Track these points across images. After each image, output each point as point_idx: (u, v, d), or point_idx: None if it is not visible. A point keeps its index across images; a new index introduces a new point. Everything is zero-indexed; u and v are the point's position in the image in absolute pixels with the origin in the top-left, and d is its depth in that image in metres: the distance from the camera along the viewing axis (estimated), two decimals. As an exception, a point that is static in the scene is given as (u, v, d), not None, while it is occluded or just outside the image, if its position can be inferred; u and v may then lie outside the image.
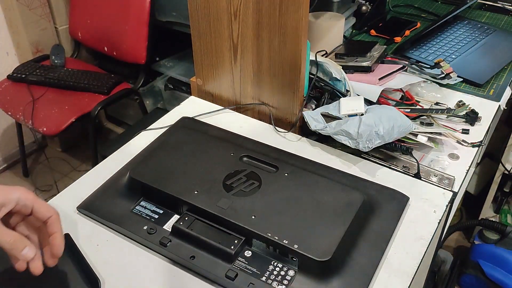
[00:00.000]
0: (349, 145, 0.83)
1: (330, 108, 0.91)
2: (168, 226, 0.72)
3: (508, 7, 1.42)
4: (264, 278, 0.64)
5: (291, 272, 0.65)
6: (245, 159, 0.81)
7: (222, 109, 1.02)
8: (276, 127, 0.95)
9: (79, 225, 0.75)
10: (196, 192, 0.74)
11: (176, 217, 0.74)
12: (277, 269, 0.66)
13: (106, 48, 1.95)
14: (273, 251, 0.67)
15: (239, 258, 0.67)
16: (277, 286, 0.63)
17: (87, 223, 0.75)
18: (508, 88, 1.09)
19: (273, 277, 0.65)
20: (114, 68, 2.05)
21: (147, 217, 0.74)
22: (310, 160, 0.84)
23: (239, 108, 1.01)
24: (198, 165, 0.80)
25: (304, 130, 0.95)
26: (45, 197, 2.03)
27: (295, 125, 0.94)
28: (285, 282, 0.64)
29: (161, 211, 0.75)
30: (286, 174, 0.78)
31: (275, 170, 0.79)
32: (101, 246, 0.71)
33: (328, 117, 0.90)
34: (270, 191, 0.74)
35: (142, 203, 0.76)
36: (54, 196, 0.81)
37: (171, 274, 0.67)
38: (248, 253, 0.68)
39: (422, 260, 0.69)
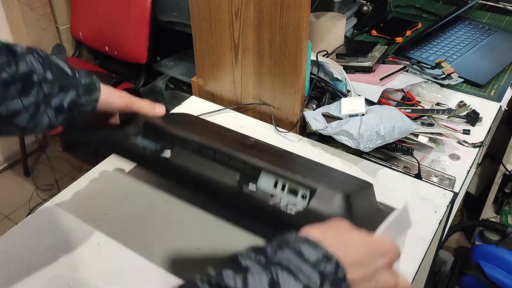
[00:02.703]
0: (350, 145, 0.83)
1: (331, 108, 0.91)
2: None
3: (510, 7, 1.42)
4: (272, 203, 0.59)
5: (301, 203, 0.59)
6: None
7: (223, 109, 1.02)
8: (277, 127, 0.95)
9: (79, 225, 0.75)
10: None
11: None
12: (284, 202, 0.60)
13: (107, 48, 1.95)
14: None
15: (244, 187, 0.61)
16: (288, 208, 0.58)
17: (87, 222, 0.75)
18: (509, 89, 1.09)
19: (284, 203, 0.59)
20: (115, 67, 2.06)
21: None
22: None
23: (240, 108, 1.01)
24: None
25: (305, 130, 0.95)
26: (46, 196, 2.03)
27: (296, 125, 0.94)
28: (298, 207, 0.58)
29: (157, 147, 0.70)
30: None
31: None
32: (101, 245, 0.71)
33: (329, 117, 0.90)
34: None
35: (138, 138, 0.71)
36: (55, 196, 0.81)
37: (174, 266, 0.67)
38: (253, 187, 0.61)
39: (422, 260, 0.69)
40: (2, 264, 0.69)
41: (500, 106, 1.03)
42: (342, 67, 1.02)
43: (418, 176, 0.83)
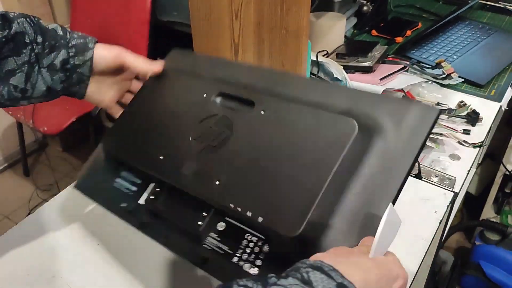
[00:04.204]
0: (350, 145, 0.82)
1: (331, 108, 0.91)
2: (143, 201, 0.64)
3: (510, 7, 1.42)
4: (236, 259, 0.54)
5: (266, 248, 0.53)
6: (218, 99, 0.64)
7: (223, 109, 1.01)
8: (277, 127, 0.95)
9: (79, 225, 0.75)
10: (161, 158, 0.63)
11: (152, 185, 0.65)
12: (251, 244, 0.54)
13: (107, 48, 1.95)
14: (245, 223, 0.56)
15: (211, 234, 0.57)
16: (249, 269, 0.53)
17: (86, 223, 0.75)
18: (509, 89, 1.08)
19: (246, 256, 0.54)
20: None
21: (127, 190, 0.66)
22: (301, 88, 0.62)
23: (240, 108, 1.01)
24: (168, 120, 0.67)
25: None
26: (46, 196, 2.03)
27: (296, 125, 0.93)
28: (258, 263, 0.53)
29: (139, 181, 0.66)
30: (262, 112, 0.58)
31: (251, 108, 0.60)
32: (101, 245, 0.71)
33: (329, 117, 0.89)
34: (240, 141, 0.58)
35: (123, 173, 0.68)
36: (55, 196, 0.81)
37: (175, 266, 0.67)
38: (221, 226, 0.57)
39: (423, 260, 0.68)
40: (2, 264, 0.69)
41: (500, 106, 1.03)
42: (342, 67, 1.02)
43: (418, 176, 0.83)
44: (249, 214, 0.52)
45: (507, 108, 1.09)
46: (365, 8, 1.32)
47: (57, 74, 0.62)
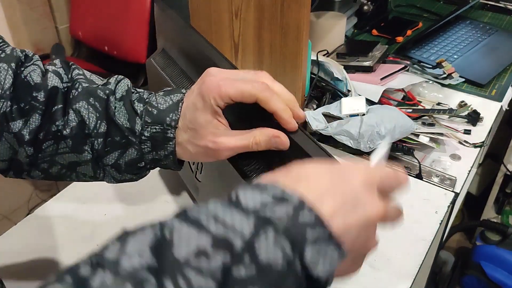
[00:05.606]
0: (351, 146, 0.82)
1: (331, 108, 0.90)
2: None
3: (510, 7, 1.41)
4: None
5: None
6: None
7: (223, 108, 1.01)
8: (277, 127, 0.95)
9: (79, 225, 0.74)
10: None
11: None
12: None
13: (106, 47, 1.95)
14: None
15: None
16: None
17: (86, 223, 0.75)
18: (510, 89, 1.08)
19: None
20: (115, 67, 2.05)
21: None
22: None
23: (240, 107, 1.01)
24: None
25: (305, 130, 0.94)
26: (45, 197, 2.03)
27: (296, 125, 0.93)
28: None
29: None
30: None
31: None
32: (101, 245, 0.71)
33: (330, 117, 0.89)
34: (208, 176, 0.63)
35: None
36: (54, 196, 0.80)
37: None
38: None
39: (423, 261, 0.68)
40: (2, 264, 0.68)
41: (501, 106, 1.03)
42: (342, 66, 1.01)
43: (419, 176, 0.83)
44: None
45: (508, 108, 1.09)
46: (365, 7, 1.32)
47: (126, 172, 0.49)
